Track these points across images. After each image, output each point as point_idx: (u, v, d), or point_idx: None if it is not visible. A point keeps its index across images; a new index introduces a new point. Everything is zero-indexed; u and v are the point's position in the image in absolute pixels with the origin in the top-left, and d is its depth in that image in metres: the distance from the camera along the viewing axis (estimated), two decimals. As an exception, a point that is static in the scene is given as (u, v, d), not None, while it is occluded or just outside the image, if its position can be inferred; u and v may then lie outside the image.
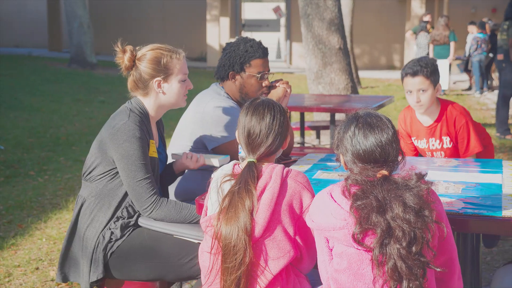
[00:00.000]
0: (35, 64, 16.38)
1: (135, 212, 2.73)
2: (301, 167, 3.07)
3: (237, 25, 21.37)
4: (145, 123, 2.74)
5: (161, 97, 2.80)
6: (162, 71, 2.76)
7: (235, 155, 3.02)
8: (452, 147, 3.55)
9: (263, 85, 3.27)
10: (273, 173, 2.21)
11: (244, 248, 2.12)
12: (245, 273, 2.13)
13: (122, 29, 20.01)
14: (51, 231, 4.67)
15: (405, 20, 19.70)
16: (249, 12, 22.72)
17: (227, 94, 3.30)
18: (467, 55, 14.44)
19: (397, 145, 2.04)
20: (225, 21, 20.34)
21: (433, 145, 3.57)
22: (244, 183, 2.17)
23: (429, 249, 1.93)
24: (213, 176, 2.33)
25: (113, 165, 2.69)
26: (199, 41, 21.19)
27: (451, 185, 2.68)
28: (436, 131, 3.53)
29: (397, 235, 1.90)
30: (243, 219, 2.13)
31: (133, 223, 2.72)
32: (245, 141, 2.27)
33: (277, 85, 3.31)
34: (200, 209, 2.54)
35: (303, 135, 6.61)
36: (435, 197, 2.04)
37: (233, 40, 3.75)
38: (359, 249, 1.96)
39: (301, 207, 2.21)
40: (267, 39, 16.63)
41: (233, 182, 2.22)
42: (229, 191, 2.20)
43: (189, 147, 3.21)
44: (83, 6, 16.02)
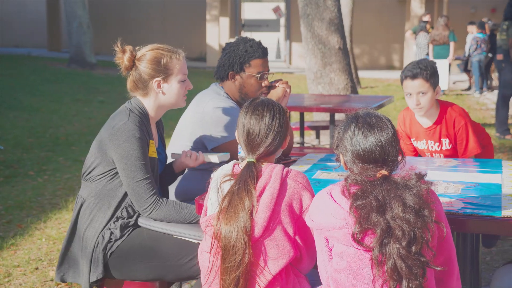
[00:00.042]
0: (34, 64, 16.38)
1: (134, 212, 2.73)
2: (301, 167, 3.07)
3: (237, 25, 21.37)
4: (144, 123, 2.74)
5: (160, 97, 2.80)
6: (161, 71, 2.76)
7: (235, 155, 3.02)
8: (451, 148, 3.55)
9: (263, 85, 3.27)
10: (273, 173, 2.21)
11: (243, 248, 2.12)
12: (244, 273, 2.13)
13: (121, 29, 19.99)
14: (51, 231, 4.67)
15: (405, 20, 19.70)
16: (249, 12, 22.72)
17: (227, 94, 3.30)
18: (467, 55, 14.45)
19: (397, 145, 2.04)
20: (225, 21, 20.34)
21: (432, 147, 3.57)
22: (243, 183, 2.17)
23: (429, 249, 1.93)
24: (212, 176, 2.33)
25: (113, 165, 2.69)
26: (199, 41, 21.19)
27: (451, 185, 2.68)
28: (435, 133, 3.53)
29: (396, 234, 1.90)
30: (243, 219, 2.13)
31: (132, 223, 2.72)
32: (245, 141, 2.27)
33: (277, 85, 3.31)
34: (199, 209, 2.54)
35: (302, 135, 6.61)
36: (435, 197, 2.04)
37: (232, 40, 3.75)
38: (359, 248, 1.97)
39: (301, 207, 2.21)
40: (267, 39, 16.64)
41: (232, 182, 2.22)
42: (229, 191, 2.20)
43: (189, 147, 3.21)
44: (83, 6, 16.01)
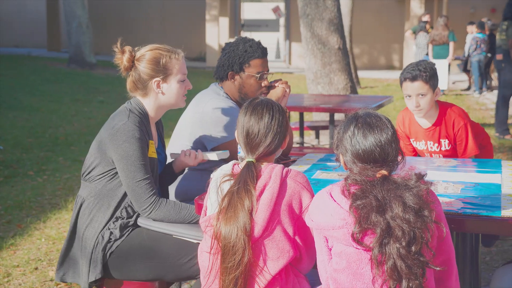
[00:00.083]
0: (34, 64, 16.37)
1: (134, 212, 2.73)
2: (300, 167, 3.07)
3: (236, 25, 21.37)
4: (144, 123, 2.74)
5: (160, 98, 2.80)
6: (161, 71, 2.76)
7: (234, 155, 3.02)
8: (450, 149, 3.55)
9: (262, 85, 3.27)
10: (273, 173, 2.21)
11: (243, 248, 2.12)
12: (244, 273, 2.13)
13: (121, 29, 19.99)
14: (50, 231, 4.67)
15: (404, 20, 19.70)
16: (249, 12, 22.72)
17: (226, 94, 3.29)
18: (466, 55, 14.45)
19: (397, 145, 2.04)
20: (225, 21, 20.34)
21: (431, 148, 3.58)
22: (243, 183, 2.17)
23: (428, 249, 1.93)
24: (212, 176, 2.33)
25: (112, 166, 2.69)
26: (199, 41, 21.19)
27: (450, 185, 2.68)
28: (434, 134, 3.53)
29: (396, 234, 1.91)
30: (243, 219, 2.13)
31: (132, 223, 2.72)
32: (244, 141, 2.27)
33: (276, 85, 3.31)
34: (199, 209, 2.54)
35: (302, 135, 6.61)
36: (434, 197, 2.04)
37: (232, 40, 3.75)
38: (358, 248, 1.97)
39: (301, 207, 2.21)
40: (266, 39, 16.63)
41: (232, 182, 2.22)
42: (228, 191, 2.20)
43: (189, 148, 3.20)
44: (82, 6, 16.01)
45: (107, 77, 14.81)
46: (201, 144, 3.19)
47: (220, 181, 2.25)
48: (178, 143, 3.25)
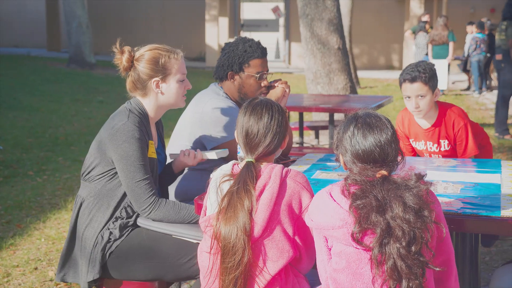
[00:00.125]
0: (34, 64, 16.37)
1: (134, 212, 2.73)
2: (300, 167, 3.08)
3: (236, 25, 21.37)
4: (144, 123, 2.74)
5: (159, 98, 2.80)
6: (160, 71, 2.76)
7: (234, 155, 3.02)
8: (450, 149, 3.55)
9: (262, 85, 3.27)
10: (272, 173, 2.21)
11: (243, 248, 2.12)
12: (244, 273, 2.13)
13: (121, 29, 20.00)
14: (50, 231, 4.67)
15: (404, 20, 19.70)
16: (248, 12, 22.73)
17: (226, 94, 3.29)
18: (466, 55, 14.45)
19: (396, 145, 2.04)
20: (224, 21, 20.34)
21: (431, 148, 3.58)
22: (242, 183, 2.17)
23: (428, 249, 1.93)
24: (212, 176, 2.33)
25: (112, 166, 2.69)
26: (198, 41, 21.19)
27: (450, 185, 2.68)
28: (434, 134, 3.53)
29: (397, 234, 1.91)
30: (242, 219, 2.13)
31: (132, 223, 2.72)
32: (243, 141, 2.27)
33: (276, 85, 3.31)
34: (198, 209, 2.54)
35: (302, 135, 6.61)
36: (434, 198, 2.05)
37: (232, 40, 3.76)
38: (358, 248, 1.97)
39: (300, 207, 2.21)
40: (266, 39, 16.64)
41: (232, 182, 2.22)
42: (228, 191, 2.20)
43: (188, 148, 3.20)
44: (82, 6, 16.01)
45: (107, 77, 14.81)
46: (201, 144, 3.19)
47: (219, 181, 2.25)
48: (177, 143, 3.25)
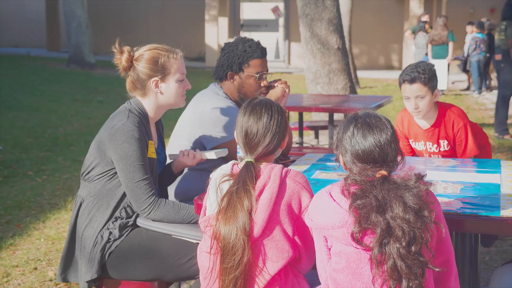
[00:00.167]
0: (34, 64, 16.38)
1: (133, 212, 2.73)
2: (300, 167, 3.07)
3: (236, 25, 21.37)
4: (144, 123, 2.74)
5: (159, 97, 2.80)
6: (159, 71, 2.76)
7: (234, 155, 3.02)
8: (449, 150, 3.55)
9: (262, 85, 3.27)
10: (272, 173, 2.21)
11: (242, 248, 2.12)
12: (243, 273, 2.13)
13: (120, 29, 20.02)
14: (50, 231, 4.67)
15: (404, 20, 19.71)
16: (248, 12, 22.73)
17: (226, 94, 3.29)
18: (466, 55, 14.45)
19: (396, 146, 2.04)
20: (224, 21, 20.34)
21: (430, 149, 3.58)
22: (242, 183, 2.17)
23: (428, 249, 1.93)
24: (211, 176, 2.33)
25: (112, 166, 2.69)
26: (198, 41, 21.19)
27: (450, 185, 2.68)
28: (433, 135, 3.53)
29: (397, 234, 1.91)
30: (242, 219, 2.13)
31: (131, 223, 2.72)
32: (243, 141, 2.27)
33: (276, 85, 3.31)
34: (198, 209, 2.54)
35: (301, 135, 6.61)
36: (434, 198, 2.05)
37: (231, 40, 3.75)
38: (358, 248, 1.97)
39: (300, 207, 2.21)
40: (266, 39, 16.63)
41: (231, 182, 2.22)
42: (227, 191, 2.20)
43: (188, 148, 3.20)
44: (82, 6, 16.02)
45: (106, 77, 14.81)
46: (201, 144, 3.19)
47: (219, 181, 2.25)
48: (177, 143, 3.25)
